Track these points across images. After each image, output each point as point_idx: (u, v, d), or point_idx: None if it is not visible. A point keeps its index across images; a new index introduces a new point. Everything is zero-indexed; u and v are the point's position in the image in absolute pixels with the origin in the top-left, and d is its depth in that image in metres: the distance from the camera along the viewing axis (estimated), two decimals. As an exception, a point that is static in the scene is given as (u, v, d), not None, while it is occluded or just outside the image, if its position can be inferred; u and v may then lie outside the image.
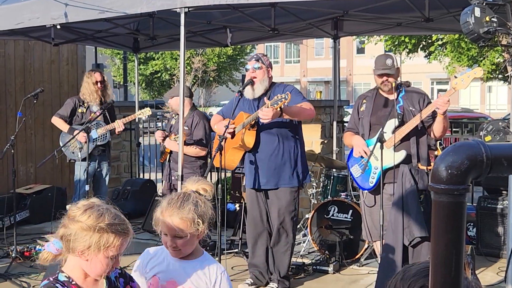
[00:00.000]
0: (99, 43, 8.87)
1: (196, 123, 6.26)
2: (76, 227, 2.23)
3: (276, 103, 4.81)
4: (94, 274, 2.31)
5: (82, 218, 2.23)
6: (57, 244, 2.28)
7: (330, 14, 7.34)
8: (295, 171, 5.23)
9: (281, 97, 4.81)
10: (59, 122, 7.02)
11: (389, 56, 5.09)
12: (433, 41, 21.06)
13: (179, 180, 5.23)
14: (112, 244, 2.24)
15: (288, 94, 4.81)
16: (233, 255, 6.35)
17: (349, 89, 49.12)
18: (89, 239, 2.22)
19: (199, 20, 7.28)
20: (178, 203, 2.60)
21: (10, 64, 8.64)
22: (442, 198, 1.10)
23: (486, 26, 3.11)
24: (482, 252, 6.25)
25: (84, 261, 2.27)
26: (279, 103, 4.80)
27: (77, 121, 6.99)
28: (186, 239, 2.64)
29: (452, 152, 1.11)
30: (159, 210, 2.65)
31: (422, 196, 4.91)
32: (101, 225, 2.22)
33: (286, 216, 5.22)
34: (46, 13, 5.89)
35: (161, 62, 32.03)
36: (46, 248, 2.29)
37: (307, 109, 5.13)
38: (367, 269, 5.91)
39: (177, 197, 2.65)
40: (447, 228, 1.10)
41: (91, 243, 2.22)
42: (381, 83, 5.04)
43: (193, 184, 2.72)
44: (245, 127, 5.14)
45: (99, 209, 2.28)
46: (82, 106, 7.02)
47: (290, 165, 5.21)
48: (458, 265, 1.11)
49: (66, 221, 2.28)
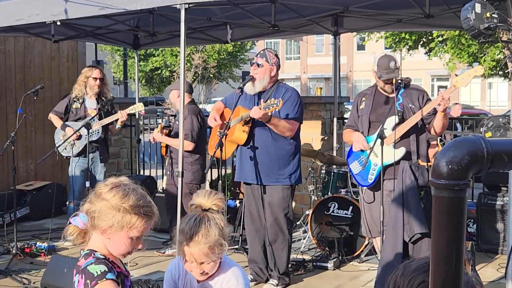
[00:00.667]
0: (99, 39, 8.86)
1: (185, 117, 6.14)
2: (101, 205, 2.23)
3: (268, 107, 4.86)
4: (117, 253, 2.31)
5: (108, 196, 2.23)
6: (83, 218, 2.28)
7: (330, 10, 7.33)
8: (287, 169, 5.24)
9: (273, 103, 4.86)
10: (54, 118, 7.04)
11: (392, 58, 5.06)
12: (433, 37, 21.06)
13: (179, 177, 5.23)
14: (135, 226, 2.24)
15: (280, 101, 4.86)
16: (234, 252, 6.35)
17: (349, 85, 49.10)
18: (112, 218, 2.22)
19: (199, 16, 7.27)
20: (202, 230, 2.53)
21: (10, 61, 8.63)
22: (442, 193, 1.10)
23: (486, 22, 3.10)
24: (482, 248, 6.26)
25: (106, 239, 2.27)
26: (270, 108, 4.85)
27: (72, 117, 6.99)
28: (214, 263, 2.61)
29: (452, 147, 1.11)
30: (183, 238, 2.57)
31: (423, 193, 4.91)
32: (125, 205, 2.22)
33: (279, 213, 5.23)
34: (46, 10, 5.88)
35: (161, 58, 32.04)
36: (73, 222, 2.29)
37: (289, 129, 5.15)
38: (367, 266, 5.92)
39: (198, 221, 2.56)
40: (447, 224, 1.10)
41: (114, 222, 2.22)
42: (385, 85, 5.04)
43: (206, 200, 2.62)
44: (239, 122, 5.18)
45: (125, 188, 2.27)
46: (76, 102, 7.01)
47: (282, 163, 5.22)
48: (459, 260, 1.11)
49: (92, 197, 2.29)
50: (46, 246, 6.27)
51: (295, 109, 5.19)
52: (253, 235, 5.42)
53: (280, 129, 5.13)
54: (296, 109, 5.20)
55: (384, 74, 4.97)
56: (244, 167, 5.32)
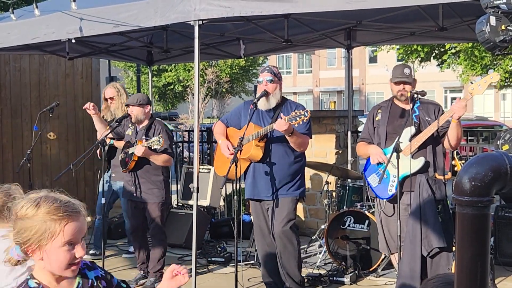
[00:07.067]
0: (113, 56, 8.92)
1: (159, 131, 5.93)
2: (17, 226, 2.06)
3: (294, 119, 4.84)
4: (59, 270, 2.07)
5: (21, 213, 2.05)
6: (17, 249, 2.10)
7: (343, 24, 7.34)
8: (296, 183, 5.29)
9: (300, 114, 4.83)
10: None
11: (407, 66, 5.13)
12: (446, 49, 21.01)
13: (195, 192, 5.22)
14: (57, 231, 2.02)
15: (308, 111, 4.86)
16: (249, 267, 6.33)
17: (362, 98, 49.01)
18: (30, 233, 2.02)
19: (212, 32, 7.31)
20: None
21: (26, 78, 8.71)
22: (466, 210, 1.10)
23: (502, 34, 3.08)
24: (500, 262, 6.18)
25: (41, 261, 2.07)
26: (297, 119, 4.83)
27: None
28: None
29: (475, 163, 1.11)
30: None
31: (440, 206, 4.88)
32: (38, 215, 2.03)
33: (288, 224, 5.22)
34: (61, 28, 5.93)
35: (174, 74, 32.18)
36: (10, 253, 2.13)
37: (305, 143, 5.23)
38: (384, 280, 5.87)
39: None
40: (472, 240, 1.10)
41: (31, 236, 2.02)
42: (398, 91, 5.04)
43: None
44: (254, 140, 5.16)
45: (35, 199, 2.07)
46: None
47: (293, 178, 5.27)
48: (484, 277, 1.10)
49: (13, 222, 2.11)
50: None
51: (307, 125, 5.20)
52: (265, 250, 5.40)
53: (298, 143, 5.13)
54: (307, 125, 5.21)
55: (397, 77, 5.02)
56: (257, 184, 5.29)
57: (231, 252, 6.63)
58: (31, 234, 2.02)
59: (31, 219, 2.02)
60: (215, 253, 6.75)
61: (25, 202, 2.07)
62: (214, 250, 6.87)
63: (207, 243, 7.27)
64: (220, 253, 6.73)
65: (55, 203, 2.06)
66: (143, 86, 22.79)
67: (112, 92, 7.00)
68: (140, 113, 6.01)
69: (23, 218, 2.04)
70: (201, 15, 4.96)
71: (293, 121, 4.84)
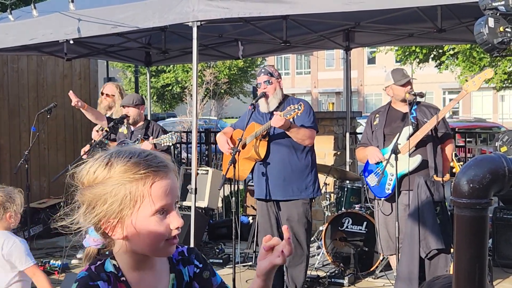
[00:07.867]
0: (111, 57, 8.92)
1: (158, 131, 6.00)
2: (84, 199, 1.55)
3: (289, 113, 4.81)
4: (149, 249, 1.55)
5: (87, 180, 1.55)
6: (92, 233, 1.61)
7: (341, 25, 7.34)
8: (306, 183, 5.18)
9: (294, 108, 4.81)
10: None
11: (403, 69, 5.26)
12: (444, 51, 21.03)
13: (193, 194, 5.21)
14: (143, 193, 1.50)
15: (301, 105, 4.82)
16: (247, 268, 6.32)
17: (360, 99, 49.07)
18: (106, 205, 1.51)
19: (211, 33, 7.31)
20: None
21: (24, 79, 8.70)
22: (464, 212, 1.09)
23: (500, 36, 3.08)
24: (498, 263, 6.19)
25: (125, 242, 1.55)
26: (292, 113, 4.80)
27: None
28: None
29: (473, 166, 1.10)
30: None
31: (438, 208, 4.89)
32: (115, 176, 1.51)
33: (299, 228, 5.15)
34: (59, 29, 5.92)
35: (172, 75, 32.15)
36: (84, 243, 1.66)
37: (308, 136, 5.08)
38: (383, 281, 5.87)
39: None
40: (470, 243, 1.09)
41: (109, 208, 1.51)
42: (407, 91, 5.06)
43: None
44: (256, 138, 5.14)
45: (106, 156, 1.56)
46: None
47: (300, 177, 5.16)
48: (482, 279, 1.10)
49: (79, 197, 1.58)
50: (60, 264, 6.28)
51: (310, 118, 5.15)
52: None
53: (301, 137, 5.04)
54: (311, 118, 5.15)
55: (403, 79, 5.08)
56: (262, 184, 5.24)
57: (229, 254, 6.63)
58: (107, 205, 1.50)
59: (103, 184, 1.51)
60: (213, 255, 6.75)
61: (91, 164, 1.55)
62: (212, 252, 6.86)
63: (205, 245, 7.27)
64: (218, 255, 6.73)
65: (132, 158, 1.53)
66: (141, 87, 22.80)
67: (112, 90, 6.93)
68: (136, 114, 6.02)
69: (92, 185, 1.53)
70: (200, 16, 4.96)
71: (288, 115, 4.82)
